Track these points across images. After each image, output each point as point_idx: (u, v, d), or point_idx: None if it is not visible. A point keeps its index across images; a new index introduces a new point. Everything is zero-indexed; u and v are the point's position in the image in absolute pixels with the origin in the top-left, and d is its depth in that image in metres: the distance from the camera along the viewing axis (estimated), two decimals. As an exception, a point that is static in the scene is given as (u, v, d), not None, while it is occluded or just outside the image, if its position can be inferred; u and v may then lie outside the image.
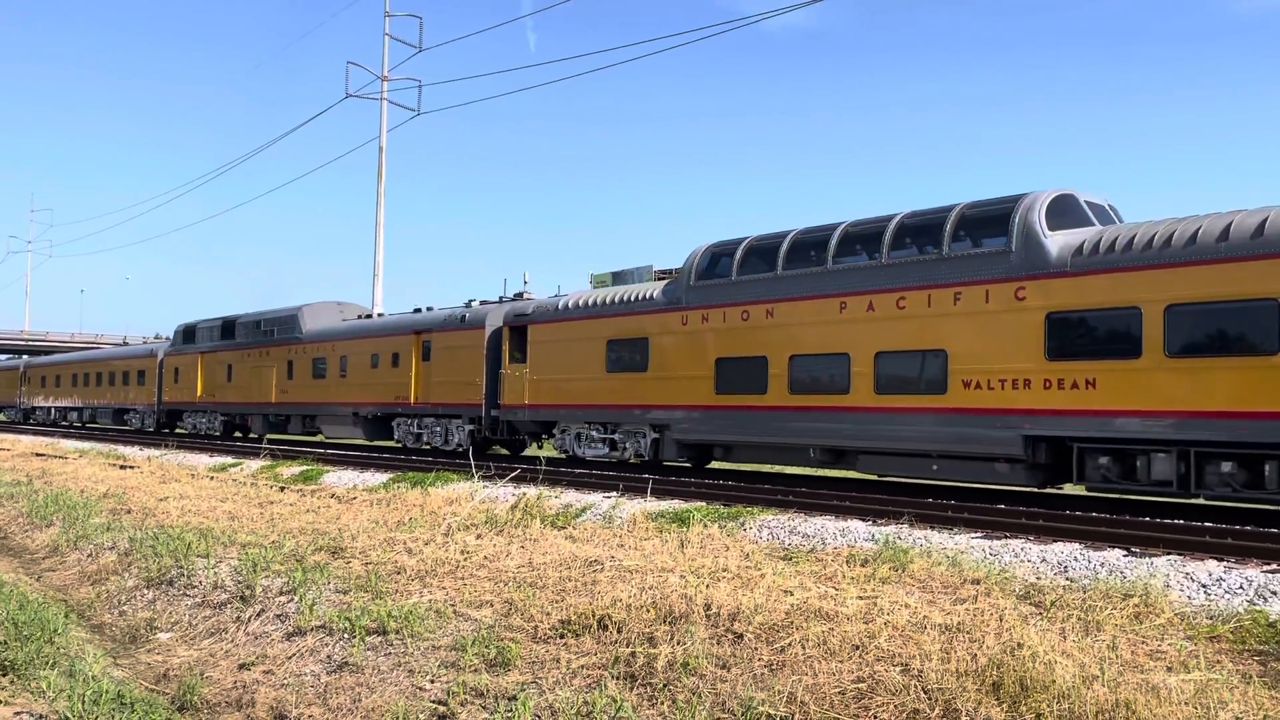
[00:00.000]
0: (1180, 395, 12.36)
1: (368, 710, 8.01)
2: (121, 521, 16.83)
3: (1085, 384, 13.19)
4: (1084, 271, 13.29)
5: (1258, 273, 11.79)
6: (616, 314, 20.07)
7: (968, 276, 14.47)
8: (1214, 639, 7.68)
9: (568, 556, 11.27)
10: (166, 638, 11.16)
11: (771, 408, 16.93)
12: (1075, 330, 13.33)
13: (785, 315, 16.85)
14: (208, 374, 35.86)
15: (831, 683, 6.97)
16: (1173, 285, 12.47)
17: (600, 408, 20.32)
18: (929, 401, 14.75)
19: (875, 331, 15.49)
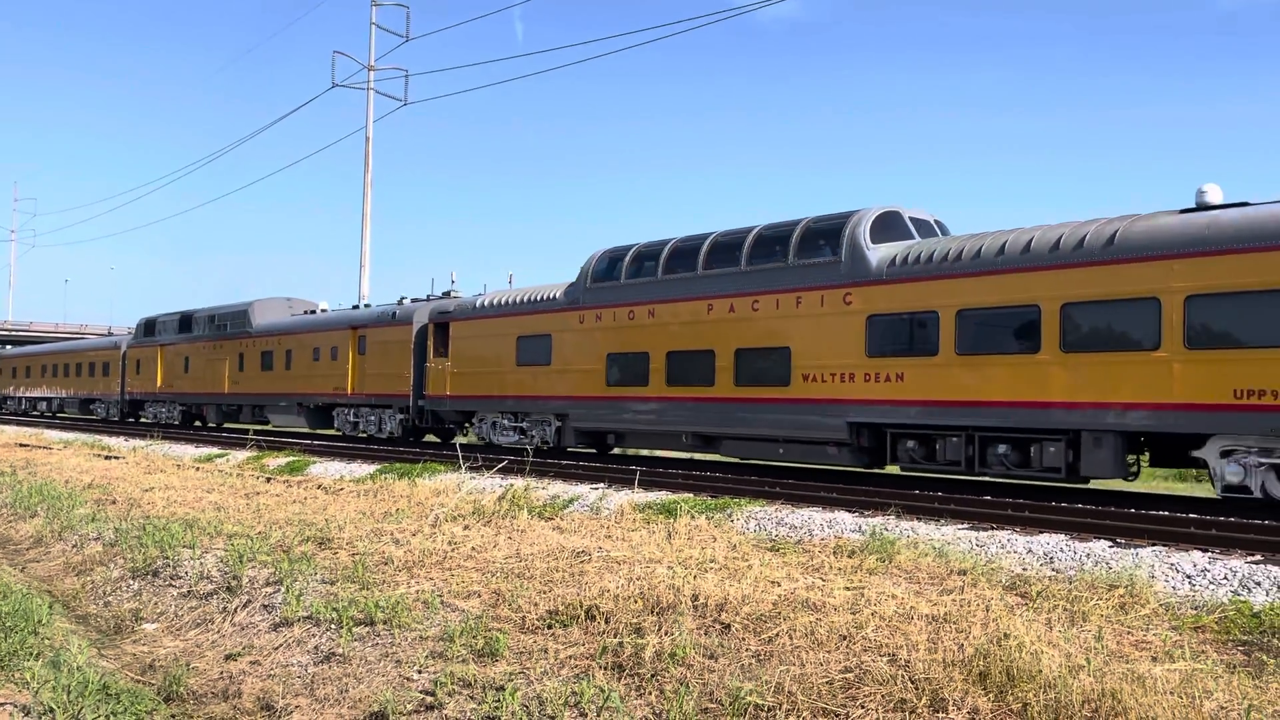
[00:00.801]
0: (968, 387, 14.28)
1: (355, 700, 7.99)
2: (106, 512, 16.74)
3: (896, 377, 15.10)
4: (896, 280, 15.27)
5: (1025, 283, 13.77)
6: (525, 313, 21.92)
7: (807, 283, 16.46)
8: (1199, 629, 7.73)
9: (555, 547, 11.26)
10: (152, 628, 11.11)
11: (653, 398, 18.90)
12: (889, 331, 15.29)
13: (664, 315, 18.82)
14: (167, 366, 37.61)
15: (819, 673, 6.98)
16: (962, 293, 14.44)
17: (511, 398, 22.20)
18: (776, 393, 16.72)
19: (735, 331, 17.49)
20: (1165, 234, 12.75)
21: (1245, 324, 11.92)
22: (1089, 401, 13.12)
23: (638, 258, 19.69)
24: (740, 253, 17.73)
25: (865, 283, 15.66)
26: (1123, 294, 12.88)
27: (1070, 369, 13.31)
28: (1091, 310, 13.18)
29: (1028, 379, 13.65)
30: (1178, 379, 12.38)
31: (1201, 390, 12.18)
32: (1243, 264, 11.94)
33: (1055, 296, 13.47)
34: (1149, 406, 12.63)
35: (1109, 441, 13.03)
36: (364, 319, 27.64)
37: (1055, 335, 13.47)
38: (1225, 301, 12.09)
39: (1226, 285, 12.07)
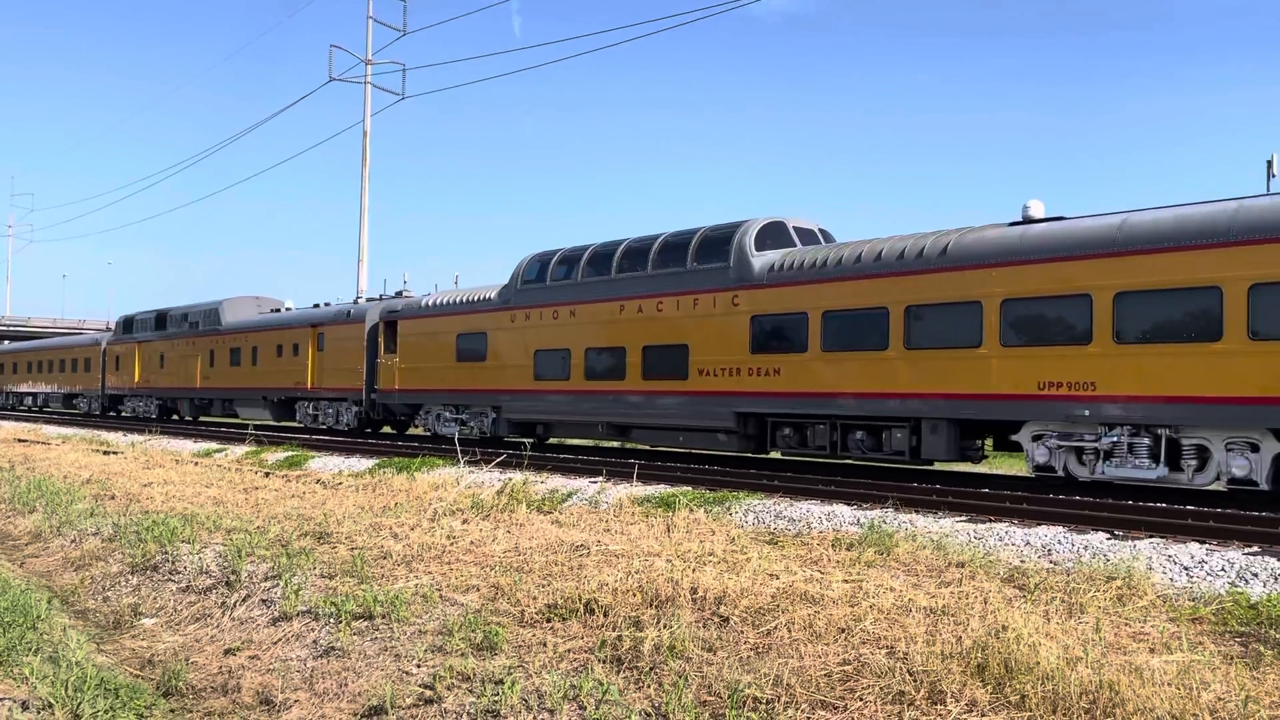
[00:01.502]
0: (831, 380, 15.96)
1: (354, 694, 8.00)
2: (105, 507, 16.73)
3: (774, 372, 16.79)
4: (775, 284, 16.95)
5: (876, 288, 15.48)
6: (464, 312, 23.56)
7: (702, 286, 18.15)
8: (1196, 620, 7.74)
9: (554, 541, 11.27)
10: (151, 624, 11.11)
11: (573, 391, 20.52)
12: (769, 329, 16.96)
13: (583, 315, 20.39)
14: (144, 362, 39.25)
15: (817, 665, 6.99)
16: (826, 296, 16.11)
17: (452, 392, 23.81)
18: (677, 386, 18.40)
19: (643, 329, 19.12)
20: (988, 245, 14.42)
21: (1048, 325, 13.61)
22: (927, 392, 14.82)
23: (562, 262, 21.30)
24: (648, 258, 19.38)
25: (750, 286, 17.36)
26: (953, 298, 14.57)
27: (912, 364, 15.00)
28: (929, 312, 14.84)
29: (878, 373, 15.39)
30: (995, 373, 14.07)
31: (1014, 383, 13.87)
32: (1045, 272, 13.65)
33: (900, 300, 15.16)
34: (974, 397, 14.30)
35: (944, 428, 14.78)
36: (322, 317, 29.15)
37: (900, 334, 15.14)
38: (1032, 304, 13.76)
39: (1033, 290, 13.75)
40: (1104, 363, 13.05)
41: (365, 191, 38.88)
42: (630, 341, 19.30)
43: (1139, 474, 12.92)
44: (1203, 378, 12.22)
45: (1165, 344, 12.57)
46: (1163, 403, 12.55)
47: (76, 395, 46.53)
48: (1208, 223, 12.45)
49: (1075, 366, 13.26)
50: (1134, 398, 12.80)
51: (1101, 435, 13.18)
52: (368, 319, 27.05)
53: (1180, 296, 12.48)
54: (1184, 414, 12.40)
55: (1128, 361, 12.87)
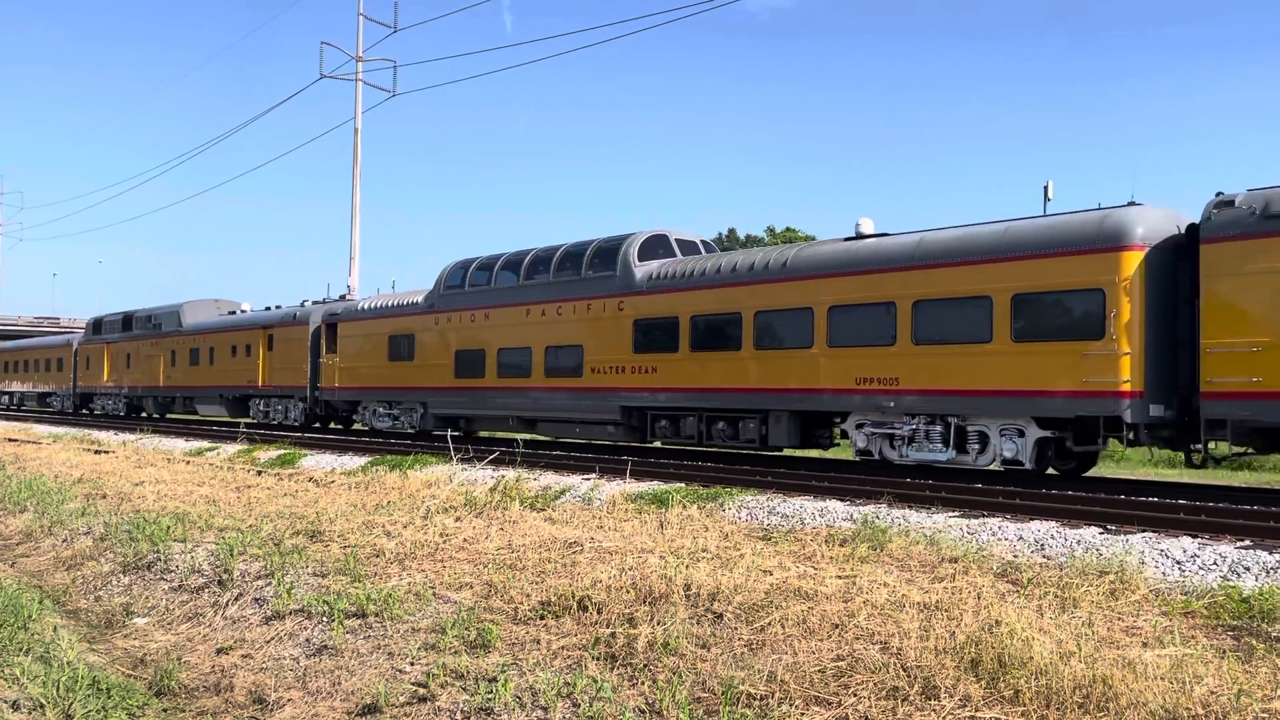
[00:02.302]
0: (697, 377, 18.03)
1: (347, 693, 7.97)
2: (96, 506, 16.67)
3: (652, 370, 18.84)
4: (653, 291, 19.03)
5: (731, 295, 17.59)
6: (394, 315, 25.57)
7: (595, 293, 20.11)
8: (1189, 614, 7.76)
9: (547, 538, 11.25)
10: (143, 623, 11.07)
11: (487, 388, 22.50)
12: (648, 332, 18.93)
13: (496, 318, 22.40)
14: (112, 361, 41.14)
15: (811, 661, 6.99)
16: (694, 303, 18.20)
17: (385, 389, 25.84)
18: (573, 383, 20.33)
19: (546, 331, 21.09)
20: (819, 258, 16.52)
21: (865, 328, 15.65)
22: (771, 388, 16.86)
23: (480, 268, 23.35)
24: (550, 267, 21.34)
25: (633, 293, 19.41)
26: (792, 304, 16.62)
27: (760, 363, 17.05)
28: (772, 317, 16.89)
29: (734, 371, 17.45)
30: (823, 370, 16.15)
31: (838, 379, 15.94)
32: (862, 283, 15.73)
33: (750, 306, 17.22)
34: (808, 391, 16.38)
35: (785, 418, 16.88)
36: (272, 320, 31.14)
37: (751, 336, 17.14)
38: (852, 311, 15.81)
39: (853, 299, 15.84)
40: (905, 361, 15.10)
41: (356, 189, 38.80)
42: (535, 342, 21.29)
43: (933, 457, 14.97)
44: (980, 374, 14.27)
45: (952, 345, 14.61)
46: (950, 395, 14.61)
47: (50, 394, 48.29)
48: (983, 241, 14.51)
49: (884, 364, 15.37)
50: (928, 391, 14.85)
51: (905, 424, 15.25)
52: (311, 321, 29.06)
53: (962, 304, 14.53)
54: (967, 405, 14.46)
55: (923, 360, 14.89)
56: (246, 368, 31.84)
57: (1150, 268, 13.05)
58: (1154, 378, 13.03)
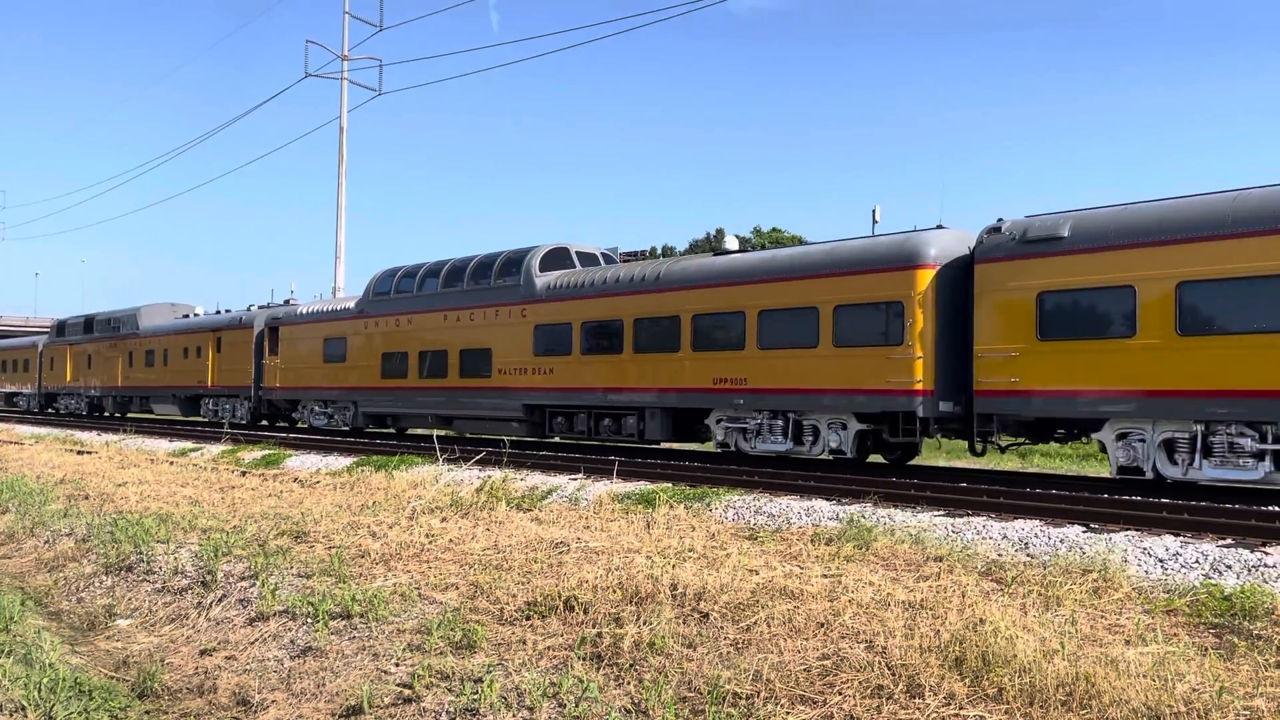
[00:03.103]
0: (588, 378, 19.90)
1: (332, 694, 7.94)
2: (79, 507, 16.56)
3: (549, 371, 20.73)
4: (551, 300, 20.90)
5: (614, 304, 19.57)
6: (329, 319, 27.31)
7: (502, 300, 22.05)
8: (1171, 612, 7.81)
9: (534, 539, 11.24)
10: (126, 624, 11.00)
11: (410, 388, 24.25)
12: (547, 336, 20.83)
13: (418, 323, 24.19)
14: (75, 363, 42.99)
15: (797, 660, 7.01)
16: (584, 310, 20.14)
17: (321, 389, 27.63)
18: (483, 383, 22.19)
19: (461, 336, 22.93)
20: (686, 272, 18.54)
21: (721, 334, 17.58)
22: (647, 387, 18.82)
23: (405, 276, 25.13)
24: (464, 276, 23.20)
25: (534, 301, 21.27)
26: (663, 313, 18.59)
27: (638, 365, 18.94)
28: (648, 324, 18.82)
29: (617, 372, 19.34)
30: (688, 372, 18.08)
31: (700, 379, 17.84)
32: (719, 294, 17.70)
33: (630, 314, 19.16)
34: (676, 390, 18.29)
35: (659, 415, 18.78)
36: (220, 323, 32.93)
37: (631, 341, 19.05)
38: (711, 318, 17.75)
39: (711, 308, 17.75)
40: (752, 364, 17.03)
41: (342, 188, 38.67)
42: (451, 345, 23.13)
43: (776, 448, 16.87)
44: (810, 375, 16.20)
45: (789, 349, 16.55)
46: (788, 393, 16.56)
47: (16, 394, 49.97)
48: (813, 259, 16.49)
49: (735, 366, 17.26)
50: (771, 390, 16.79)
51: (753, 419, 17.22)
52: (255, 325, 30.74)
53: (796, 314, 16.47)
54: (802, 402, 16.38)
55: (767, 363, 16.82)
56: (197, 369, 33.66)
57: (941, 284, 14.94)
58: (943, 378, 14.92)
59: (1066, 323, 13.56)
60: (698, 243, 62.32)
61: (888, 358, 15.11)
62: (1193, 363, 12.39)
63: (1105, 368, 13.12)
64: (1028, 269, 13.88)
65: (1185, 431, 12.59)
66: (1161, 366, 12.64)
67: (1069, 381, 13.45)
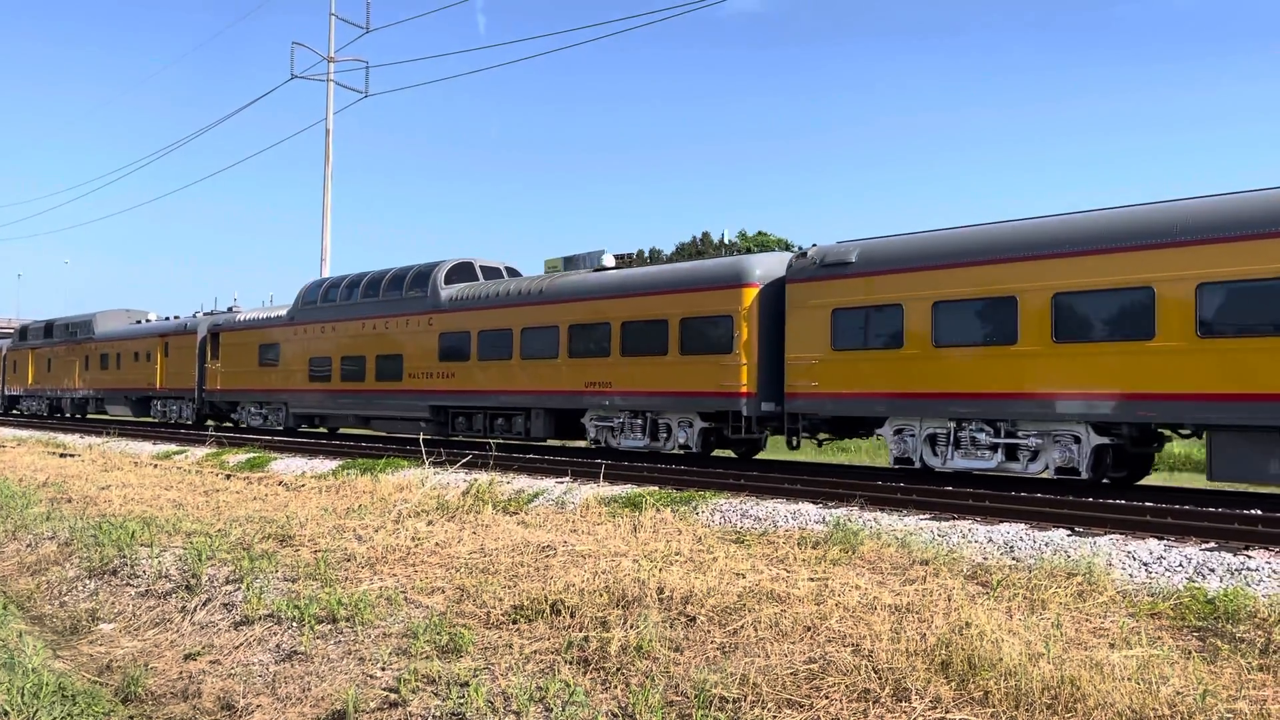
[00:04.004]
0: (483, 382, 21.95)
1: (317, 699, 7.91)
2: (62, 511, 16.44)
3: (452, 375, 22.67)
4: (452, 310, 22.96)
5: (504, 315, 21.60)
6: (264, 327, 29.38)
7: (412, 310, 24.03)
8: (1155, 616, 7.85)
9: (520, 542, 11.22)
10: (109, 628, 10.93)
11: (333, 390, 26.27)
12: (449, 344, 22.77)
13: (340, 330, 26.22)
14: (36, 366, 45.15)
15: (784, 664, 7.01)
16: (480, 320, 22.14)
17: (257, 391, 29.61)
18: (395, 386, 24.24)
19: (376, 342, 24.96)
20: (564, 286, 20.48)
21: (591, 342, 19.61)
22: (531, 389, 20.79)
23: (331, 286, 27.11)
24: (380, 287, 25.20)
25: (439, 311, 23.24)
26: (545, 323, 20.63)
27: (525, 370, 20.93)
28: (533, 333, 20.85)
29: (507, 376, 21.38)
30: (565, 376, 20.08)
31: (575, 382, 19.85)
32: (590, 307, 19.76)
33: (519, 324, 21.16)
34: (555, 392, 20.29)
35: (542, 415, 20.81)
36: (168, 329, 34.83)
37: (519, 348, 21.10)
38: (584, 329, 19.75)
39: (584, 319, 19.78)
40: (616, 369, 19.08)
41: (328, 190, 38.55)
42: (368, 351, 25.15)
43: (636, 444, 18.90)
44: (662, 379, 18.30)
45: (645, 356, 18.61)
46: (645, 395, 18.63)
47: None
48: (665, 277, 18.66)
49: (603, 371, 19.27)
50: (630, 392, 18.87)
51: (618, 419, 19.19)
52: (199, 331, 32.62)
53: (650, 325, 18.55)
54: (657, 403, 18.44)
55: (628, 369, 18.89)
56: (148, 372, 35.64)
57: (763, 300, 17.06)
58: (764, 382, 16.99)
59: (853, 335, 15.71)
60: (684, 245, 62.38)
61: (721, 364, 17.28)
62: (944, 369, 14.58)
63: (883, 374, 15.31)
64: (825, 289, 16.08)
65: (943, 428, 14.71)
66: (923, 373, 14.83)
67: (856, 385, 15.66)
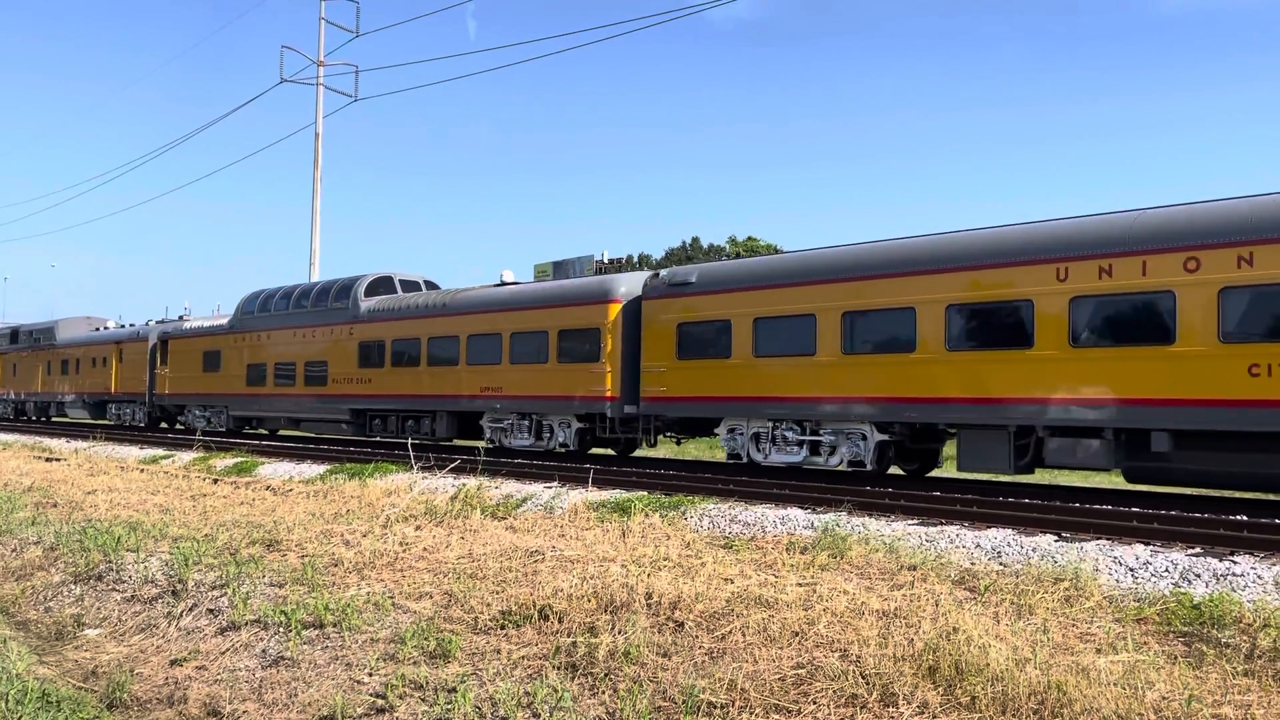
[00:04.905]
0: (394, 387, 23.92)
1: (304, 705, 7.88)
2: (47, 515, 16.35)
3: (369, 380, 24.69)
4: (370, 321, 24.87)
5: (415, 326, 23.52)
6: (208, 335, 31.40)
7: (335, 321, 25.99)
8: (1141, 621, 7.88)
9: (508, 547, 11.20)
10: (95, 634, 10.87)
11: (268, 394, 28.17)
12: (367, 352, 24.78)
13: (275, 338, 28.16)
14: (3, 371, 47.13)
15: (772, 669, 7.02)
16: (393, 330, 24.13)
17: (201, 395, 31.57)
18: (321, 390, 26.12)
19: (305, 350, 26.80)
20: (464, 301, 22.51)
21: (486, 351, 21.55)
22: (436, 394, 22.70)
23: (266, 298, 29.07)
24: (309, 298, 27.10)
25: (359, 322, 25.18)
26: (448, 333, 22.61)
27: (431, 376, 22.83)
28: (438, 341, 22.79)
29: (416, 381, 23.27)
30: (465, 381, 22.03)
31: (473, 387, 21.81)
32: (486, 319, 21.81)
33: (426, 334, 23.11)
34: (456, 396, 22.21)
35: (445, 417, 22.82)
36: (122, 336, 36.82)
37: (426, 356, 23.02)
38: (481, 339, 21.76)
39: (481, 330, 21.80)
40: (506, 375, 21.09)
41: (317, 194, 38.46)
42: (299, 358, 27.00)
43: (524, 443, 20.83)
44: (543, 384, 20.22)
45: (530, 364, 20.58)
46: (528, 399, 20.51)
47: None
48: (547, 292, 20.72)
49: (496, 377, 21.27)
50: (517, 396, 20.77)
51: (508, 420, 21.26)
52: (150, 338, 34.43)
53: (532, 335, 20.62)
54: (538, 406, 20.36)
55: (516, 375, 20.82)
56: (104, 377, 37.56)
57: (626, 315, 19.06)
58: (626, 387, 18.91)
59: (694, 345, 17.68)
60: (673, 251, 62.51)
61: (591, 371, 19.24)
62: (763, 377, 16.52)
63: (717, 380, 17.25)
64: (672, 306, 18.09)
65: (764, 427, 16.71)
66: (747, 379, 16.73)
67: (697, 390, 17.61)
